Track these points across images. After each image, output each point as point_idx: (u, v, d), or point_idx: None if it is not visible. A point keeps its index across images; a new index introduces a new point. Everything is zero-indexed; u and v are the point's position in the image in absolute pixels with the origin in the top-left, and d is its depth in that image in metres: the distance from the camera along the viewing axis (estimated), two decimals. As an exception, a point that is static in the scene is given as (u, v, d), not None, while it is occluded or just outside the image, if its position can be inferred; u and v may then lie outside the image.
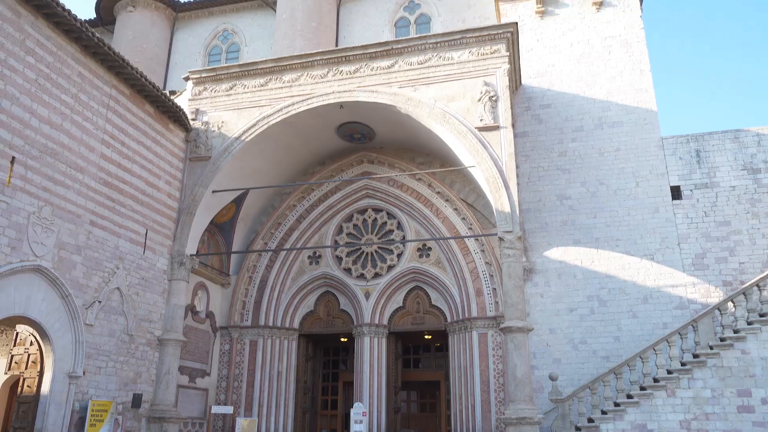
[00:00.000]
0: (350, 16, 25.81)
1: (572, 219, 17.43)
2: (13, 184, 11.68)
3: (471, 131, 15.52)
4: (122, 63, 14.56)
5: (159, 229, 16.20)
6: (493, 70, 16.05)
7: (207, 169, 17.25)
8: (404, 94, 16.34)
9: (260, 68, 17.70)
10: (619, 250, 16.85)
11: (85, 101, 13.83)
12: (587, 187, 17.63)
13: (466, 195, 18.53)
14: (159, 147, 16.44)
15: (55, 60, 12.99)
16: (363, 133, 18.65)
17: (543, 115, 18.66)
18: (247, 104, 17.59)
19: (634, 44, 18.76)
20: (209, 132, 17.60)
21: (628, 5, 19.25)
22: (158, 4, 27.55)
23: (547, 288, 16.98)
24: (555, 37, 19.53)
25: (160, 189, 16.38)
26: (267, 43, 26.37)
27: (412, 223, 19.29)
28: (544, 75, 19.12)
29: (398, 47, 16.76)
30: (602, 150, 17.86)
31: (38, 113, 12.43)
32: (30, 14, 12.38)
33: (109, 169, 14.45)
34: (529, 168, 18.19)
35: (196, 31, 27.88)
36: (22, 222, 11.85)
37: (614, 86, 18.44)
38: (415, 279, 19.12)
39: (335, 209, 20.07)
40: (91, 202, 13.77)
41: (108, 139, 14.48)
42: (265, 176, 18.86)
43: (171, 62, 27.65)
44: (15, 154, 11.78)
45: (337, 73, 17.07)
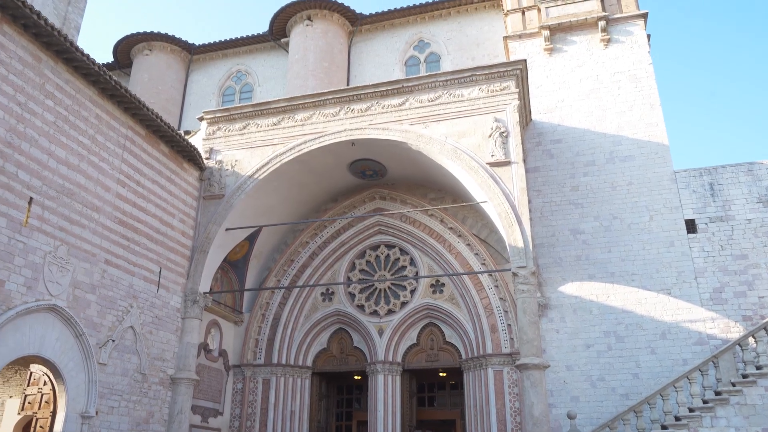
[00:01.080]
0: (361, 56, 26.30)
1: (586, 253, 17.29)
2: (30, 224, 11.84)
3: (482, 167, 15.58)
4: (138, 104, 14.87)
5: (173, 267, 16.28)
6: (503, 107, 16.19)
7: (220, 207, 17.40)
8: (415, 131, 16.50)
9: (273, 107, 17.99)
10: (635, 284, 16.65)
11: (102, 142, 14.09)
12: (601, 221, 17.53)
13: (479, 230, 18.50)
14: (173, 186, 16.64)
15: (73, 103, 13.29)
16: (375, 169, 18.78)
17: (554, 150, 18.72)
18: (260, 143, 17.83)
19: (643, 79, 18.88)
20: (223, 171, 17.81)
21: (636, 41, 19.46)
22: (174, 47, 28.27)
23: (562, 324, 16.75)
24: (564, 73, 19.72)
25: (174, 227, 16.51)
26: (280, 83, 26.87)
27: (424, 259, 19.24)
28: (554, 110, 19.25)
29: (409, 85, 16.99)
30: (615, 184, 17.82)
31: (56, 154, 12.67)
32: (50, 59, 12.74)
33: (124, 208, 14.62)
34: (541, 203, 18.16)
35: (210, 72, 28.50)
36: (39, 261, 11.96)
37: (625, 121, 18.51)
38: (428, 315, 18.97)
39: (348, 246, 20.09)
40: (106, 241, 13.90)
41: (123, 178, 14.70)
42: (278, 214, 18.98)
43: (186, 103, 28.22)
44: (33, 194, 11.97)
45: (349, 111, 17.29)
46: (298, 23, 26.14)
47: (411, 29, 25.98)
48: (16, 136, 11.71)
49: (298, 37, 25.96)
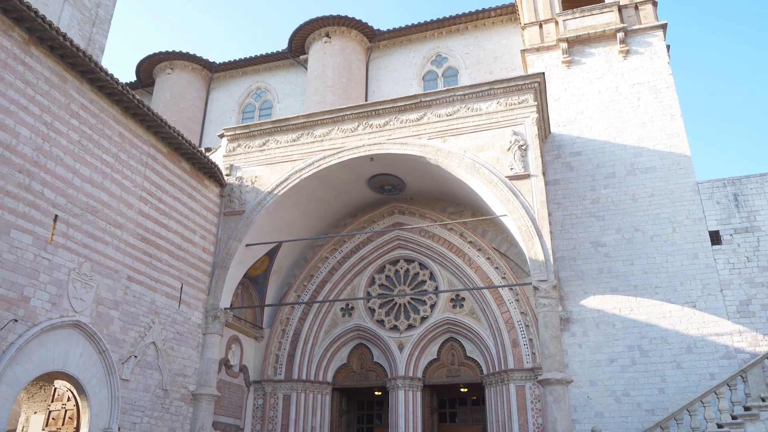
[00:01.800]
0: (379, 71, 26.48)
1: (608, 266, 17.09)
2: (55, 241, 12.04)
3: (501, 180, 15.53)
4: (160, 123, 15.11)
5: (194, 283, 16.41)
6: (522, 120, 16.15)
7: (241, 223, 17.53)
8: (434, 146, 16.51)
9: (292, 124, 18.15)
10: (659, 297, 16.39)
11: (125, 160, 14.32)
12: (622, 233, 17.33)
13: (499, 244, 18.39)
14: (194, 202, 16.83)
15: (97, 122, 13.55)
16: (393, 184, 18.82)
17: (574, 163, 18.60)
18: (280, 159, 17.97)
19: (663, 90, 18.72)
20: (243, 187, 17.98)
21: (655, 52, 19.33)
22: (195, 66, 28.73)
23: (585, 338, 16.52)
24: (582, 85, 19.64)
25: (195, 243, 16.67)
26: (299, 99, 27.14)
27: (444, 273, 19.16)
28: (573, 123, 19.15)
29: (426, 100, 17.04)
30: (636, 196, 17.63)
31: (80, 173, 12.90)
32: (75, 80, 13.02)
33: (147, 225, 14.81)
34: (561, 216, 18.02)
35: (231, 90, 28.89)
36: (63, 278, 12.14)
37: (645, 132, 18.34)
38: (449, 330, 18.84)
39: (367, 260, 20.10)
40: (128, 257, 14.07)
41: (146, 195, 14.90)
42: (298, 229, 19.07)
43: (206, 120, 28.61)
44: (58, 212, 12.18)
45: (367, 126, 17.38)
46: (316, 40, 26.43)
47: (428, 44, 26.12)
48: (42, 155, 11.95)
49: (316, 54, 26.24)
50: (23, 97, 11.65)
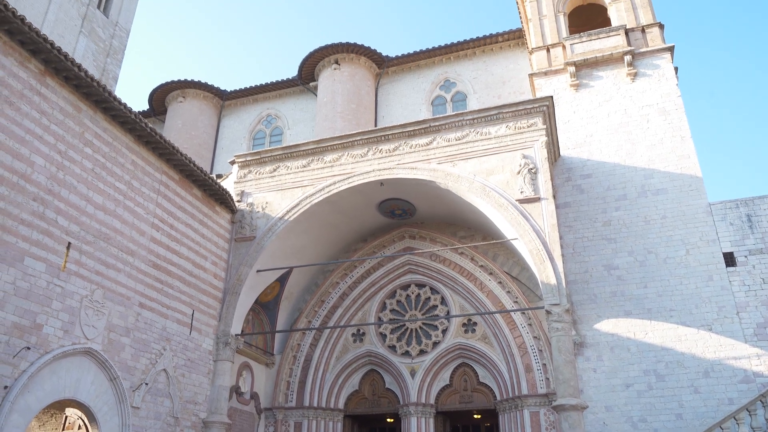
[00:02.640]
0: (388, 97, 26.71)
1: (621, 290, 16.92)
2: (68, 268, 12.11)
3: (512, 204, 15.50)
4: (172, 150, 15.27)
5: (205, 309, 16.41)
6: (531, 143, 16.18)
7: (251, 249, 17.58)
8: (443, 170, 16.56)
9: (302, 150, 18.29)
10: (674, 320, 16.17)
11: (137, 187, 14.46)
12: (635, 256, 17.19)
13: (510, 268, 18.29)
14: (206, 229, 16.91)
15: (110, 150, 13.73)
16: (404, 209, 18.84)
17: (584, 185, 18.55)
18: (290, 185, 18.08)
19: (672, 112, 18.73)
20: (254, 213, 18.06)
21: (663, 74, 19.38)
22: (206, 94, 29.14)
23: (599, 362, 16.29)
24: (591, 108, 19.69)
25: (207, 270, 16.71)
26: (308, 125, 27.39)
27: (456, 297, 19.05)
28: (583, 145, 19.16)
29: (435, 125, 17.14)
30: (648, 218, 17.52)
31: (93, 200, 13.03)
32: (89, 109, 13.23)
33: (158, 251, 14.88)
34: (573, 239, 17.92)
35: (241, 117, 29.22)
36: (75, 305, 12.19)
37: (655, 154, 18.31)
38: (461, 355, 18.66)
39: (378, 285, 20.04)
40: (140, 284, 14.12)
41: (158, 222, 15.01)
42: (308, 254, 19.08)
43: (218, 147, 28.90)
44: (71, 239, 12.28)
45: (377, 151, 17.48)
46: (326, 67, 26.76)
47: (437, 69, 26.36)
48: (57, 183, 12.10)
49: (326, 81, 26.54)
50: (39, 126, 11.84)
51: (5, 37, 11.29)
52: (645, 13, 20.78)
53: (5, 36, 11.28)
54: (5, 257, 10.76)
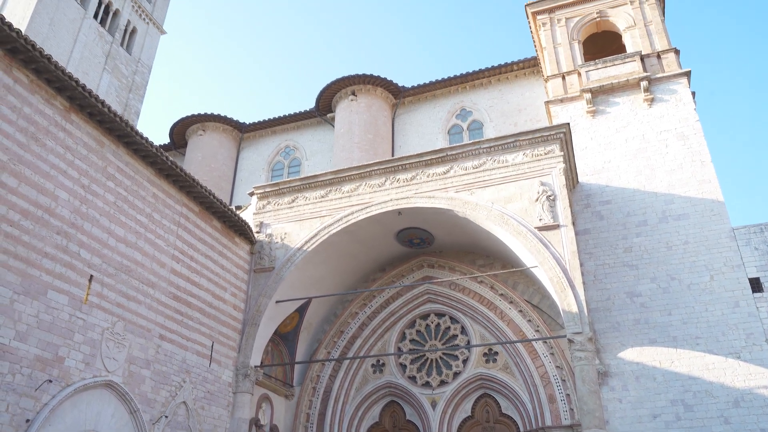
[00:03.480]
0: (405, 127, 26.91)
1: (645, 317, 16.61)
2: (90, 301, 12.23)
3: (531, 231, 15.41)
4: (192, 183, 15.48)
5: (224, 341, 16.41)
6: (549, 170, 16.14)
7: (271, 280, 17.62)
8: (461, 198, 16.55)
9: (320, 180, 18.42)
10: (700, 348, 15.80)
11: (158, 220, 14.64)
12: (658, 282, 16.91)
13: (531, 296, 18.09)
14: (225, 260, 17.01)
15: (132, 183, 13.96)
16: (422, 237, 18.81)
17: (604, 212, 18.39)
18: (309, 215, 18.17)
19: (691, 136, 18.60)
20: (273, 243, 18.15)
21: (681, 99, 19.31)
22: (225, 127, 29.62)
23: (625, 392, 15.92)
24: (609, 134, 19.63)
25: (226, 301, 16.76)
26: (326, 156, 27.63)
27: (476, 327, 18.84)
28: (601, 172, 19.05)
29: (452, 153, 17.19)
30: (670, 244, 17.28)
31: (115, 233, 13.20)
32: (112, 143, 13.51)
33: (179, 283, 14.98)
34: (594, 266, 17.71)
35: (260, 149, 29.59)
36: (97, 338, 12.26)
37: (675, 179, 18.14)
38: (482, 386, 18.36)
39: (397, 315, 19.91)
40: (160, 316, 14.19)
41: (178, 254, 15.14)
42: (327, 284, 19.07)
43: (237, 178, 29.24)
44: (93, 272, 12.43)
45: (395, 181, 17.54)
46: (342, 98, 27.09)
47: (452, 99, 26.56)
48: (80, 216, 12.30)
49: (343, 112, 26.85)
50: (63, 161, 12.10)
51: (32, 75, 11.63)
52: (660, 39, 20.82)
53: (32, 75, 11.63)
54: (29, 290, 10.91)
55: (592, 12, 22.56)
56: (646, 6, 21.68)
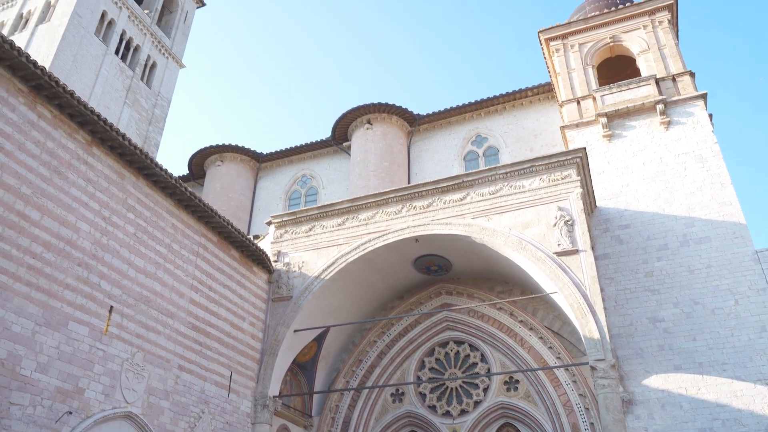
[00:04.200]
0: (420, 154, 27.02)
1: (669, 343, 16.28)
2: (109, 332, 12.30)
3: (549, 257, 15.28)
4: (211, 213, 15.63)
5: (243, 370, 16.35)
6: (566, 195, 16.06)
7: (288, 309, 17.60)
8: (478, 225, 16.49)
9: (337, 209, 18.49)
10: (728, 375, 15.41)
11: (177, 250, 14.76)
12: (681, 307, 16.61)
13: (551, 322, 17.85)
14: (243, 289, 17.06)
15: (152, 214, 14.13)
16: (439, 264, 18.72)
17: (623, 236, 18.20)
18: (326, 243, 18.21)
19: (710, 159, 18.43)
20: (290, 272, 18.18)
21: (698, 122, 19.19)
22: (243, 157, 29.97)
23: (650, 421, 15.53)
24: (626, 158, 19.52)
25: (245, 330, 16.76)
26: (343, 184, 27.79)
27: (496, 354, 18.59)
28: (619, 196, 18.91)
29: (469, 180, 17.20)
30: (692, 267, 17.00)
31: (135, 264, 13.33)
32: (132, 175, 13.72)
33: (197, 313, 15.03)
34: (614, 291, 17.46)
35: (277, 178, 29.85)
36: (116, 369, 12.30)
37: (695, 201, 17.92)
38: (504, 415, 18.04)
39: (416, 343, 19.72)
40: (179, 346, 14.21)
41: (197, 284, 15.21)
42: (345, 313, 19.00)
43: (254, 208, 29.47)
44: (113, 303, 12.52)
45: (411, 208, 17.56)
46: (358, 127, 27.33)
47: (467, 125, 26.66)
48: (100, 248, 12.45)
49: (359, 140, 27.06)
50: (84, 194, 12.30)
51: (56, 110, 11.92)
52: (674, 62, 20.81)
53: (56, 110, 11.92)
54: (50, 322, 11.01)
55: (605, 37, 22.66)
56: (660, 30, 21.74)
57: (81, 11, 30.04)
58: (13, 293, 10.41)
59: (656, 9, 22.07)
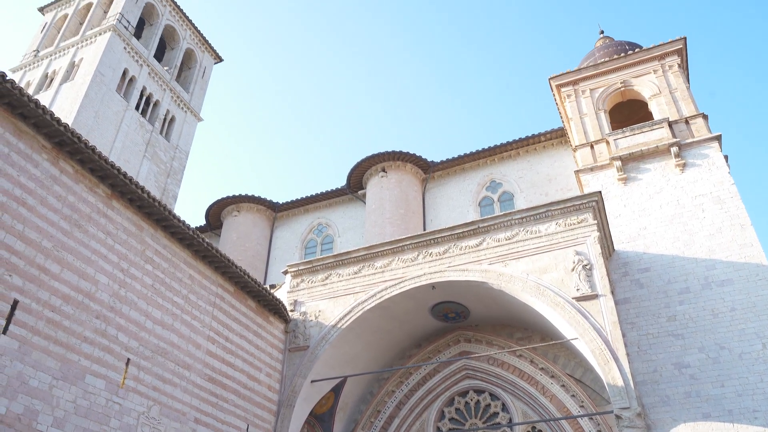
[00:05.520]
0: (435, 200, 27.12)
1: (696, 389, 15.78)
2: (126, 385, 12.23)
3: (568, 302, 15.06)
4: (228, 263, 15.70)
5: (259, 423, 16.09)
6: (583, 239, 15.94)
7: (305, 359, 17.42)
8: (495, 270, 16.37)
9: (353, 257, 18.49)
10: (759, 422, 14.84)
11: (194, 301, 14.79)
12: (707, 352, 16.17)
13: (573, 369, 17.45)
14: (260, 340, 16.96)
15: (169, 265, 14.23)
16: (457, 311, 18.53)
17: (643, 280, 17.92)
18: (342, 292, 18.15)
19: (728, 200, 18.26)
20: (307, 322, 18.08)
21: (713, 163, 19.12)
22: (259, 207, 30.27)
23: (681, 472, 14.92)
24: (642, 200, 19.42)
25: (261, 382, 16.57)
26: (358, 232, 27.86)
27: (517, 403, 18.14)
28: (637, 239, 18.72)
29: (484, 225, 17.17)
30: (715, 311, 16.63)
31: (152, 315, 13.35)
32: (150, 227, 13.90)
33: (214, 365, 14.92)
34: (637, 336, 17.08)
35: (293, 227, 30.03)
36: (132, 423, 12.17)
37: (715, 243, 17.68)
38: (527, 467, 17.47)
39: (435, 393, 19.34)
40: (196, 399, 14.06)
41: (213, 335, 15.16)
42: (362, 362, 18.76)
43: (271, 257, 29.56)
44: (130, 356, 12.49)
45: (427, 255, 17.51)
46: (373, 175, 27.57)
47: (482, 171, 26.79)
48: (119, 300, 12.52)
49: (374, 188, 27.25)
50: (104, 246, 12.46)
51: (77, 165, 12.20)
52: (686, 105, 20.91)
53: (77, 165, 12.20)
54: (68, 376, 10.99)
55: (615, 82, 22.89)
56: (670, 74, 21.94)
57: (103, 69, 31.08)
58: (32, 347, 10.45)
59: (665, 54, 22.34)
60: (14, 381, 10.01)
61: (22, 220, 10.80)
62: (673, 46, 22.21)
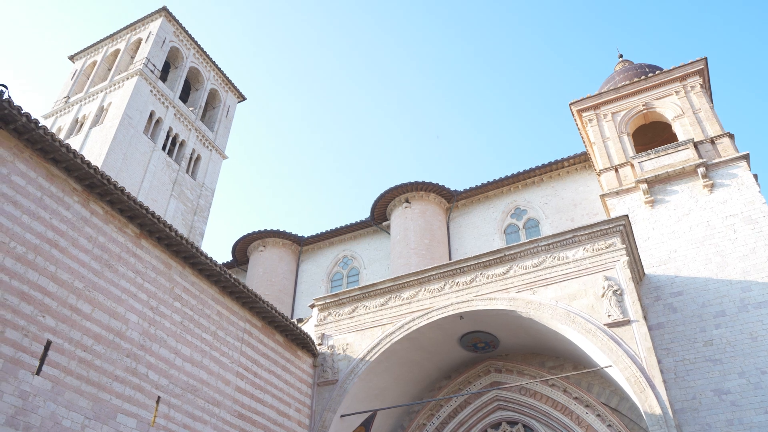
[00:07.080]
0: (460, 229, 27.02)
1: (738, 417, 15.23)
2: (157, 423, 12.24)
3: (600, 329, 14.76)
4: (255, 299, 15.78)
5: (290, 460, 15.93)
6: (612, 264, 15.69)
7: (334, 393, 17.28)
8: (523, 298, 16.17)
9: (379, 289, 18.44)
10: (808, 450, 14.24)
11: (223, 337, 14.84)
12: (747, 378, 15.63)
13: (608, 398, 17.00)
14: (288, 374, 16.90)
15: (197, 302, 14.34)
16: (486, 341, 18.27)
17: (676, 304, 17.51)
18: (370, 324, 18.05)
19: (760, 219, 17.86)
20: (335, 355, 17.99)
21: (743, 183, 18.78)
22: (285, 241, 30.48)
23: (727, 505, 14.33)
24: (671, 223, 19.11)
25: (290, 417, 16.45)
26: (384, 263, 27.83)
27: (552, 434, 17.67)
28: (668, 262, 18.36)
29: (511, 253, 17.02)
30: (754, 334, 16.13)
31: (182, 353, 13.42)
32: (179, 265, 14.07)
33: (243, 401, 14.88)
34: (673, 362, 16.62)
35: (319, 261, 30.13)
36: (164, 462, 12.13)
37: (749, 265, 17.24)
38: (565, 501, 16.93)
39: (467, 426, 18.95)
40: (226, 436, 13.99)
41: (242, 371, 15.16)
42: (392, 395, 18.53)
43: (297, 291, 29.63)
44: (160, 393, 12.53)
45: (454, 284, 17.38)
46: (397, 206, 27.64)
47: (506, 199, 26.68)
48: (148, 338, 12.62)
49: (398, 219, 27.29)
50: (133, 285, 12.63)
51: (107, 207, 12.47)
52: (711, 125, 20.66)
53: (107, 206, 12.47)
54: (100, 415, 11.05)
55: (637, 105, 22.78)
56: (693, 95, 21.77)
57: (131, 112, 31.94)
58: (65, 387, 10.55)
59: (687, 75, 22.21)
60: (47, 422, 10.10)
61: (55, 261, 11.03)
62: (694, 66, 22.08)
